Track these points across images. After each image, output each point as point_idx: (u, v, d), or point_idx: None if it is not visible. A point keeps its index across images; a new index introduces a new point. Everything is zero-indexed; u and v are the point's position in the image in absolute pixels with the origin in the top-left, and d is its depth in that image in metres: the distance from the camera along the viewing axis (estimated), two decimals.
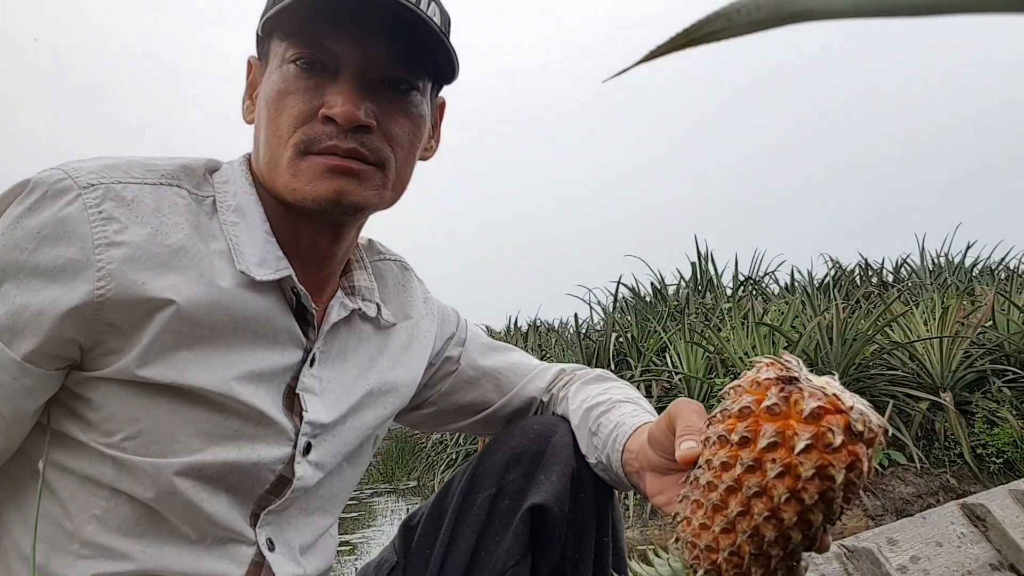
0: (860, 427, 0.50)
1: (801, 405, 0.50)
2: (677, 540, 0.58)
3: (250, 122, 0.82)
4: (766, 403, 0.51)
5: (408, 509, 5.32)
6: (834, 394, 0.51)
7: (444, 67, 0.80)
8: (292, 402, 0.80)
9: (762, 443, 0.51)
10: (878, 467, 3.36)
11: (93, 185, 0.69)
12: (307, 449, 0.81)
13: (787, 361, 0.55)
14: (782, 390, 0.52)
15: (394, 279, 0.98)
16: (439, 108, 0.88)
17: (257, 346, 0.76)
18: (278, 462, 0.78)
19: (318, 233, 0.80)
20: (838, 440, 0.49)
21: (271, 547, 0.79)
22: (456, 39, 0.83)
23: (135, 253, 0.69)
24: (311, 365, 0.81)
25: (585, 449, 0.92)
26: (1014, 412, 3.44)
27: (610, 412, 0.91)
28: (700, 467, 0.57)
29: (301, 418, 0.80)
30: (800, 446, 0.49)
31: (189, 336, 0.71)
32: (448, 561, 0.91)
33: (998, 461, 3.36)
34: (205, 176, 0.79)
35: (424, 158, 0.87)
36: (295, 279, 0.77)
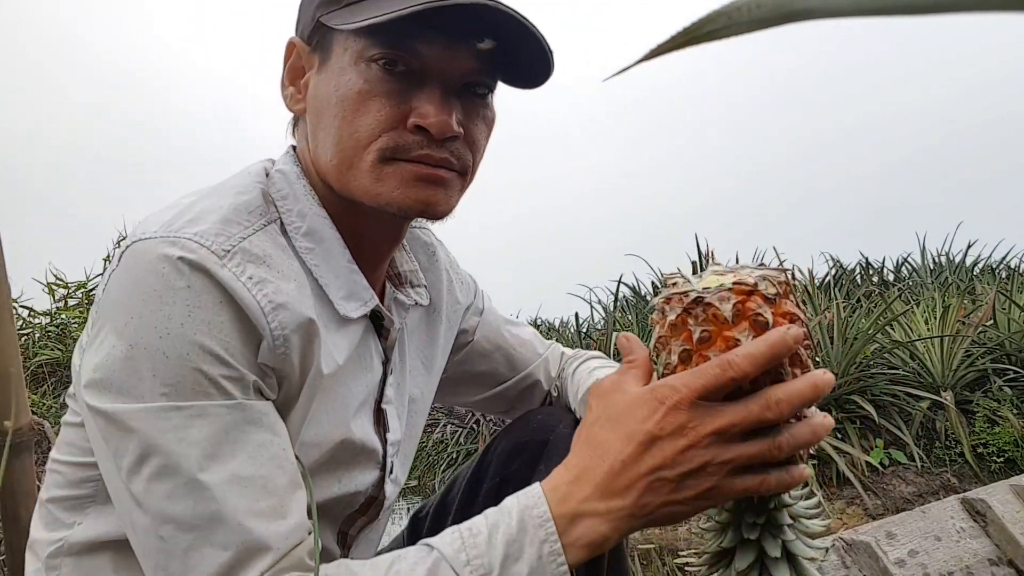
0: (772, 290, 0.55)
1: (722, 315, 0.54)
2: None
3: (298, 112, 0.77)
4: (696, 337, 0.55)
5: (409, 508, 5.32)
6: (734, 283, 0.55)
7: (532, 69, 0.75)
8: (379, 419, 0.81)
9: None
10: (879, 466, 3.36)
11: (228, 251, 0.65)
12: (391, 469, 0.83)
13: (675, 284, 0.58)
14: (697, 318, 0.55)
15: (423, 250, 0.96)
16: None
17: (359, 375, 0.77)
18: (370, 486, 0.80)
19: (382, 235, 0.79)
20: (768, 314, 0.54)
21: None
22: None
23: (297, 310, 0.67)
24: (391, 374, 0.82)
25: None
26: (1015, 411, 3.44)
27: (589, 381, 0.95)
28: None
29: (386, 438, 0.81)
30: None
31: (319, 385, 0.71)
32: None
33: (999, 460, 3.36)
34: (271, 196, 0.75)
35: None
36: (380, 306, 0.77)
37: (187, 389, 0.61)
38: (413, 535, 1.04)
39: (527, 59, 0.73)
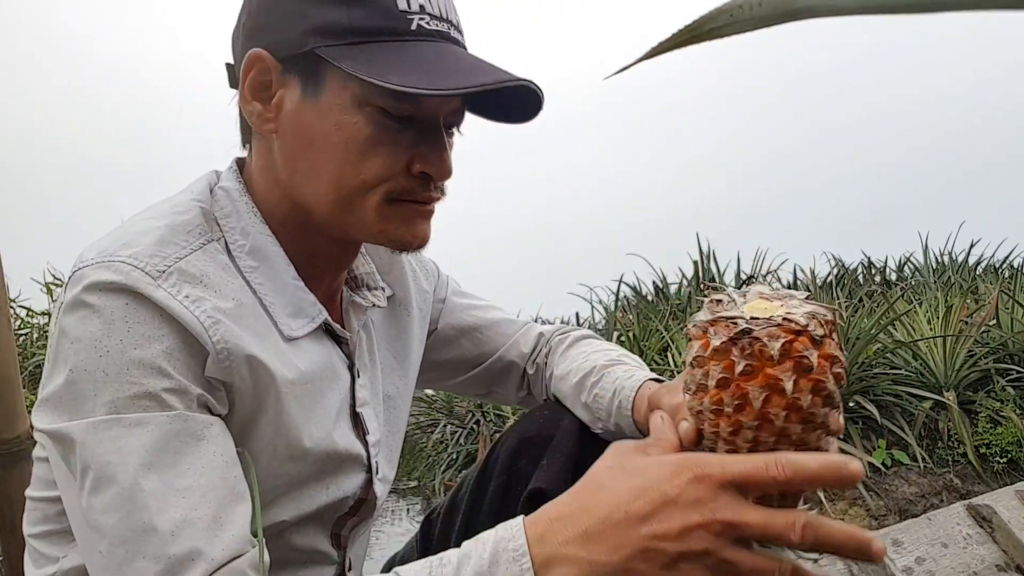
0: (820, 331, 0.54)
1: (768, 352, 0.53)
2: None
3: (266, 132, 0.75)
4: (739, 369, 0.54)
5: (409, 509, 5.33)
6: (783, 318, 0.54)
7: (523, 112, 0.77)
8: (356, 422, 0.82)
9: (757, 404, 0.54)
10: (881, 466, 3.35)
11: (163, 272, 0.66)
12: (377, 468, 0.84)
13: (722, 306, 0.58)
14: (744, 350, 0.54)
15: (384, 248, 0.96)
16: None
17: (331, 384, 0.78)
18: (358, 489, 0.82)
19: (337, 249, 0.80)
20: (814, 358, 0.53)
21: (349, 567, 0.84)
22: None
23: (234, 329, 0.68)
24: (358, 376, 0.82)
25: (584, 420, 0.94)
26: (1018, 411, 3.44)
27: (602, 381, 0.91)
28: (707, 439, 0.59)
29: (366, 440, 0.82)
30: (789, 387, 0.53)
31: (290, 398, 0.72)
32: None
33: (1002, 460, 3.35)
34: (213, 215, 0.75)
35: None
36: (330, 319, 0.78)
37: (128, 404, 0.61)
38: (425, 538, 1.04)
39: (520, 106, 0.76)
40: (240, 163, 0.81)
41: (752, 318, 0.55)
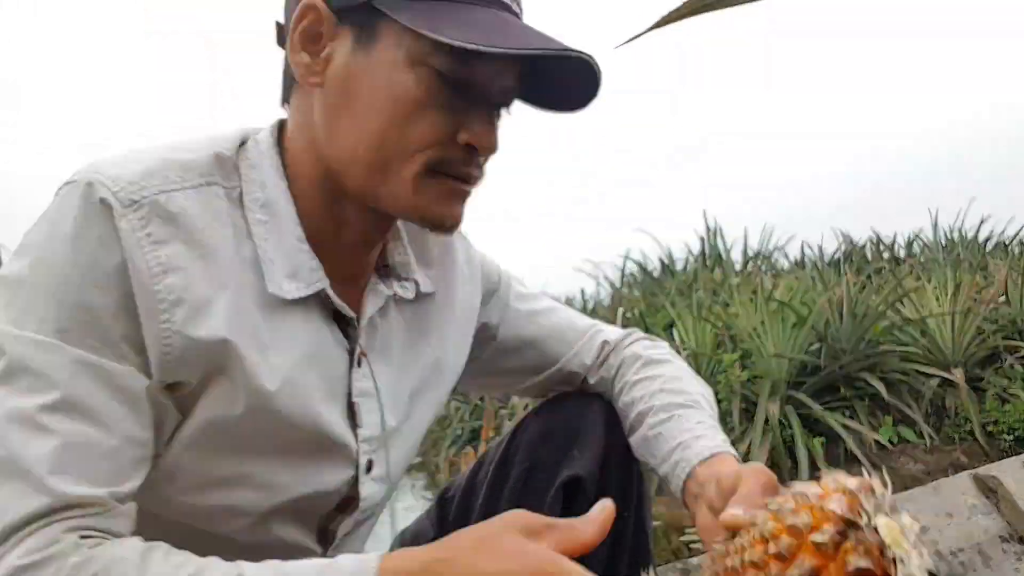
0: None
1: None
2: None
3: (311, 85, 0.71)
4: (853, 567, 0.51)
5: (413, 485, 5.36)
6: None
7: (571, 94, 0.74)
8: (352, 413, 0.77)
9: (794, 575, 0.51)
10: (888, 443, 3.34)
11: (135, 202, 0.62)
12: (369, 466, 0.78)
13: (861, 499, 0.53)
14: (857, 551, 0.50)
15: (435, 239, 0.90)
16: None
17: (314, 364, 0.73)
18: (342, 485, 0.77)
19: (366, 222, 0.75)
20: None
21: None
22: None
23: (189, 282, 0.64)
24: (359, 366, 0.77)
25: (635, 446, 0.91)
26: None
27: (671, 422, 0.88)
28: (734, 548, 0.57)
29: (356, 434, 0.77)
30: None
31: (251, 351, 0.68)
32: None
33: (1009, 438, 3.33)
34: (234, 163, 0.72)
35: None
36: (329, 290, 0.73)
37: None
38: (441, 517, 1.01)
39: (575, 88, 0.72)
40: (282, 124, 0.77)
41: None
